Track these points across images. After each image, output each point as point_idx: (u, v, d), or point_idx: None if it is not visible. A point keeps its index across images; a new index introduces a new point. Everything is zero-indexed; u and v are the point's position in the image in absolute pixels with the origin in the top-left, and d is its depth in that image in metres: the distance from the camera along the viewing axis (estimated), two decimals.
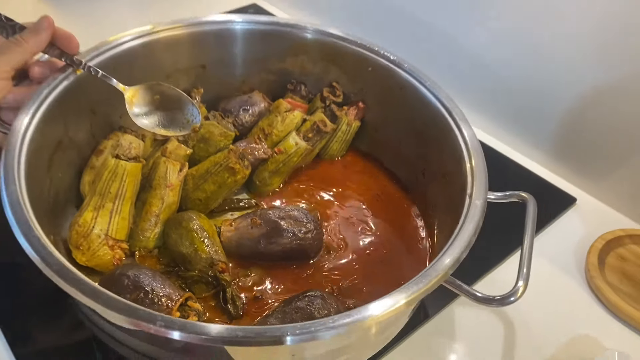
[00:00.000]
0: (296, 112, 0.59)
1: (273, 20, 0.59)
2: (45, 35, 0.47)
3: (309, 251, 0.51)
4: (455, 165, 0.49)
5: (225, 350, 0.36)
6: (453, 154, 0.49)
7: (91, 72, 0.50)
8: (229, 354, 0.36)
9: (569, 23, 0.61)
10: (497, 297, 0.40)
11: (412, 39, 0.78)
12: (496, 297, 0.40)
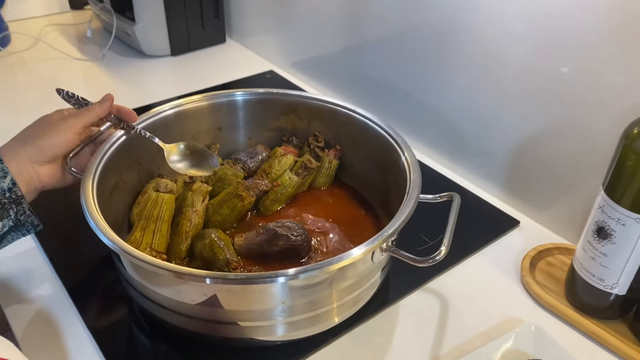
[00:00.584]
0: (289, 156, 0.78)
1: (267, 91, 0.80)
2: (108, 104, 0.68)
3: (300, 250, 0.67)
4: (402, 181, 0.66)
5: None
6: (401, 172, 0.67)
7: (140, 134, 0.70)
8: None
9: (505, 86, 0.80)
10: (426, 258, 0.56)
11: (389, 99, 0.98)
12: (425, 258, 0.56)
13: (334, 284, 0.56)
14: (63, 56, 1.21)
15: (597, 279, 0.63)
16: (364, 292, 0.61)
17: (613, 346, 0.63)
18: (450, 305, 0.68)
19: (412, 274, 0.71)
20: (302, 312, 0.57)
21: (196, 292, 0.54)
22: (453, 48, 0.84)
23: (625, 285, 0.62)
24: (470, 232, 0.78)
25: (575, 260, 0.67)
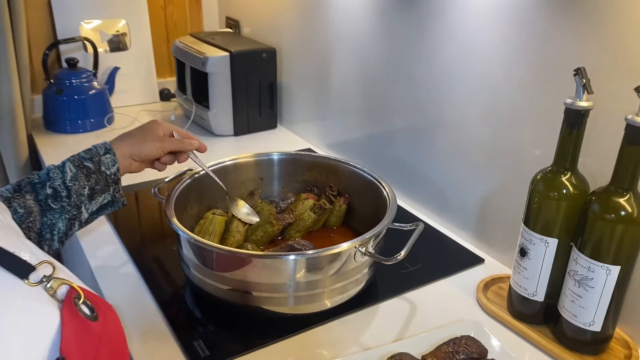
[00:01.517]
0: (310, 200, 1.06)
1: (296, 152, 1.09)
2: (195, 143, 0.94)
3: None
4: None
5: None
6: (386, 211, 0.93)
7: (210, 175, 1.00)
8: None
9: (469, 154, 1.07)
10: (390, 257, 0.80)
11: (396, 170, 1.25)
12: (390, 257, 0.81)
13: (325, 269, 0.81)
14: None
15: (523, 288, 0.85)
16: (349, 284, 0.86)
17: (537, 342, 0.83)
18: (419, 309, 0.91)
19: (395, 285, 0.95)
20: (303, 290, 0.81)
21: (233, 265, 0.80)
22: (436, 133, 1.11)
23: (543, 292, 0.84)
24: (445, 265, 1.01)
25: (511, 278, 0.89)
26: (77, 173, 0.83)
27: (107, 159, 0.87)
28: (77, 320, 0.51)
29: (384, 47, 1.20)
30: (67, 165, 0.84)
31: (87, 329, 0.52)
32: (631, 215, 0.72)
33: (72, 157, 0.86)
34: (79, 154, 0.87)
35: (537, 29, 0.88)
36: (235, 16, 1.82)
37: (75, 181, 0.83)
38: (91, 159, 0.86)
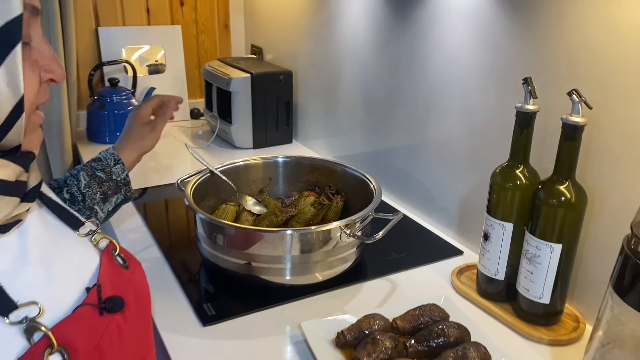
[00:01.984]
0: (311, 197, 1.21)
1: (299, 156, 1.25)
2: (167, 98, 1.11)
3: None
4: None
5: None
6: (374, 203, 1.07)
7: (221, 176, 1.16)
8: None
9: (449, 158, 1.21)
10: (370, 237, 0.94)
11: (393, 175, 1.40)
12: (370, 237, 0.94)
13: (316, 245, 0.95)
14: (182, 145, 1.75)
15: (486, 269, 0.98)
16: (337, 261, 1.00)
17: (500, 316, 0.95)
18: (399, 288, 1.04)
19: (381, 267, 1.08)
20: (297, 263, 0.96)
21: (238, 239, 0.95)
22: (425, 144, 1.26)
23: (503, 272, 0.96)
24: (428, 255, 1.14)
25: (478, 261, 1.01)
26: (90, 182, 0.96)
27: (117, 169, 1.00)
28: (112, 265, 0.65)
29: (382, 70, 1.36)
30: (81, 174, 0.97)
31: (119, 273, 0.66)
32: (570, 200, 0.85)
33: (84, 166, 0.98)
34: (90, 164, 0.98)
35: (503, 53, 1.03)
36: (259, 44, 2.01)
37: (89, 188, 0.96)
38: (103, 169, 0.97)
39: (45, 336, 0.51)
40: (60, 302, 0.56)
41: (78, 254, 0.63)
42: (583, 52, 0.88)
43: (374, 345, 0.80)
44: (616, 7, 0.82)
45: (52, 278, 0.57)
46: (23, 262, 0.55)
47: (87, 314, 0.58)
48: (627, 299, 0.66)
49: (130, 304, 0.62)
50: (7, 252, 0.54)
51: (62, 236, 0.63)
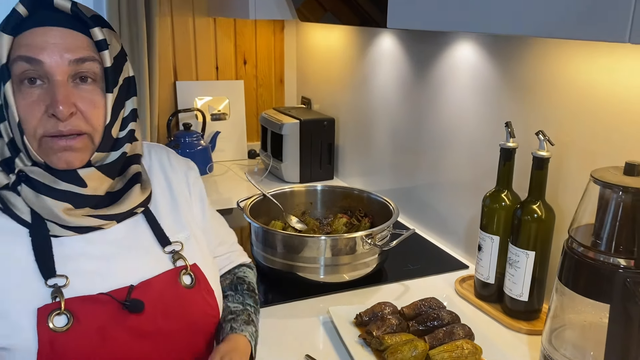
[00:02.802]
0: (343, 218, 1.46)
1: (336, 185, 1.51)
2: None
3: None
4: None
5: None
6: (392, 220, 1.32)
7: (271, 199, 1.44)
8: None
9: (458, 188, 1.45)
10: (385, 245, 1.19)
11: (414, 201, 1.64)
12: (384, 245, 1.19)
13: (343, 250, 1.20)
14: (240, 179, 2.06)
15: (480, 274, 1.20)
16: (361, 265, 1.24)
17: (491, 312, 1.16)
18: (411, 290, 1.26)
19: (398, 275, 1.31)
20: (329, 262, 1.21)
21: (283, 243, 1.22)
22: (440, 177, 1.50)
23: (493, 277, 1.18)
24: (438, 267, 1.36)
25: (474, 269, 1.23)
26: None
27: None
28: (172, 282, 0.84)
29: (406, 118, 1.63)
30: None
31: (175, 290, 0.83)
32: (540, 217, 1.07)
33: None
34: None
35: (494, 102, 1.28)
36: (308, 95, 2.33)
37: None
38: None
39: (59, 301, 0.74)
40: (100, 281, 0.79)
41: (144, 262, 0.83)
42: (550, 103, 1.12)
43: (382, 321, 1.03)
44: (574, 70, 1.07)
45: (105, 270, 0.79)
46: (84, 254, 0.79)
47: (107, 301, 0.77)
48: (566, 284, 0.88)
49: (161, 310, 0.80)
50: (77, 244, 0.80)
51: (151, 248, 0.85)
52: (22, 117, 0.75)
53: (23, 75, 0.75)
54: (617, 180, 0.82)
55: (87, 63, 0.77)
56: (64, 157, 0.77)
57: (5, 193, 0.78)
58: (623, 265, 0.81)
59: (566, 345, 0.92)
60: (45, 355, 0.74)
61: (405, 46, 1.60)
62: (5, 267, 0.76)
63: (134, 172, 0.86)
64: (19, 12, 0.76)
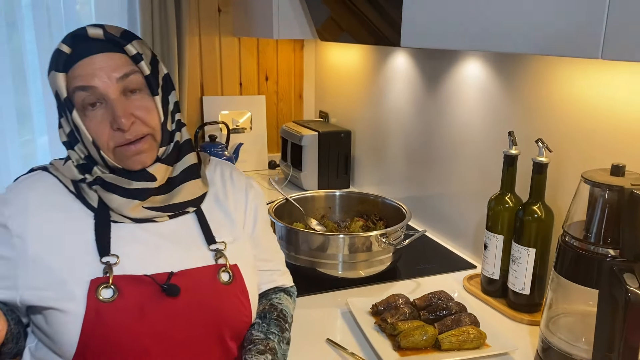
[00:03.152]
0: (360, 221, 1.57)
1: (350, 191, 1.63)
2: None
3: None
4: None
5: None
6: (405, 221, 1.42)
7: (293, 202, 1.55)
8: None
9: (466, 195, 1.55)
10: (397, 244, 1.29)
11: (426, 206, 1.75)
12: (397, 244, 1.29)
13: (360, 248, 1.31)
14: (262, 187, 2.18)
15: (486, 271, 1.30)
16: (376, 262, 1.35)
17: (495, 306, 1.26)
18: (422, 286, 1.37)
19: (411, 273, 1.42)
20: (347, 259, 1.32)
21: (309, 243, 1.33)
22: (451, 185, 1.61)
23: (498, 273, 1.27)
24: (449, 267, 1.46)
25: (481, 267, 1.33)
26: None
27: None
28: (210, 275, 0.93)
29: (418, 130, 1.74)
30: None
31: (212, 284, 0.92)
32: (540, 217, 1.17)
33: None
34: None
35: (498, 113, 1.39)
36: (325, 110, 2.45)
37: None
38: None
39: (109, 276, 0.86)
40: (147, 265, 0.90)
41: (188, 254, 0.94)
42: (548, 114, 1.23)
43: (396, 310, 1.14)
44: (569, 85, 1.18)
45: (151, 256, 0.91)
46: (136, 240, 0.92)
47: (149, 282, 0.87)
48: (561, 273, 0.98)
49: (196, 299, 0.90)
50: (131, 231, 0.92)
51: (198, 245, 0.96)
52: (94, 136, 0.89)
53: (84, 102, 0.88)
54: (604, 180, 0.92)
55: (131, 76, 0.89)
56: (137, 159, 0.90)
57: (82, 185, 0.92)
58: (611, 254, 0.91)
59: (562, 330, 1.02)
60: (90, 320, 0.85)
61: (417, 63, 1.72)
62: (70, 242, 0.89)
63: (190, 163, 0.98)
64: (63, 51, 0.88)
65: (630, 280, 0.86)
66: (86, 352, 0.85)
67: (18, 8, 1.92)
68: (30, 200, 0.91)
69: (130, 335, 0.86)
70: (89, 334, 0.85)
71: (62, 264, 0.87)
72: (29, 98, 2.02)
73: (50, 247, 0.88)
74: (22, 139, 2.06)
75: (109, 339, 0.85)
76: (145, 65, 0.91)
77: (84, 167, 0.92)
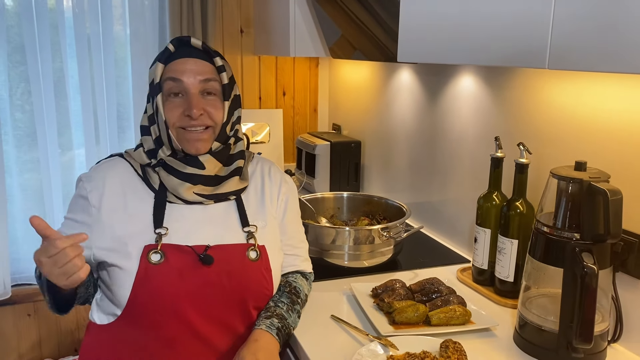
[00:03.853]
0: (366, 220, 1.72)
1: (357, 193, 1.78)
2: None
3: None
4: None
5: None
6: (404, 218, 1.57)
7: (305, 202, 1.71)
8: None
9: (462, 198, 1.70)
10: (397, 236, 1.44)
11: (427, 209, 1.89)
12: (397, 236, 1.44)
13: (363, 240, 1.46)
14: None
15: (476, 262, 1.44)
16: (378, 253, 1.49)
17: (484, 293, 1.40)
18: (419, 276, 1.50)
19: (411, 264, 1.56)
20: (352, 250, 1.47)
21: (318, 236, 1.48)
22: (448, 189, 1.75)
23: (486, 263, 1.41)
24: (445, 261, 1.60)
25: (472, 258, 1.47)
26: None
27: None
28: (241, 252, 1.12)
29: (420, 140, 1.89)
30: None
31: (241, 259, 1.11)
32: (522, 212, 1.31)
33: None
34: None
35: (488, 120, 1.54)
36: (338, 122, 2.62)
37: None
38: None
39: (158, 243, 1.06)
40: (190, 238, 1.09)
41: (225, 233, 1.13)
42: (530, 120, 1.38)
43: (393, 291, 1.28)
44: (547, 95, 1.33)
45: (194, 231, 1.09)
46: (185, 217, 1.10)
47: (189, 252, 1.07)
48: (534, 256, 1.12)
49: (226, 270, 1.08)
50: (182, 210, 1.11)
51: (231, 223, 1.14)
52: (167, 117, 1.11)
53: (170, 90, 1.11)
54: (568, 174, 1.07)
55: (211, 82, 1.13)
56: (195, 145, 1.11)
57: (147, 169, 1.13)
58: (575, 238, 1.05)
59: (536, 308, 1.15)
60: (140, 277, 1.05)
61: (419, 78, 1.88)
62: (134, 214, 1.10)
63: (237, 166, 1.18)
64: (169, 49, 1.13)
65: (587, 258, 1.00)
66: (135, 303, 1.05)
67: (62, 30, 2.12)
68: (107, 179, 1.13)
69: (170, 293, 1.05)
70: (139, 288, 1.05)
71: (125, 231, 1.08)
72: (68, 114, 2.21)
73: (118, 217, 1.10)
74: (62, 151, 2.25)
75: (154, 294, 1.05)
76: (225, 76, 1.15)
77: (152, 153, 1.13)
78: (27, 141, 2.18)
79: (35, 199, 2.22)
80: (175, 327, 1.06)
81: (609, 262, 1.07)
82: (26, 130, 2.17)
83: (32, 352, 2.29)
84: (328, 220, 1.73)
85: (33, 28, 2.07)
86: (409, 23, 1.26)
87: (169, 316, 1.06)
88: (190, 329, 1.07)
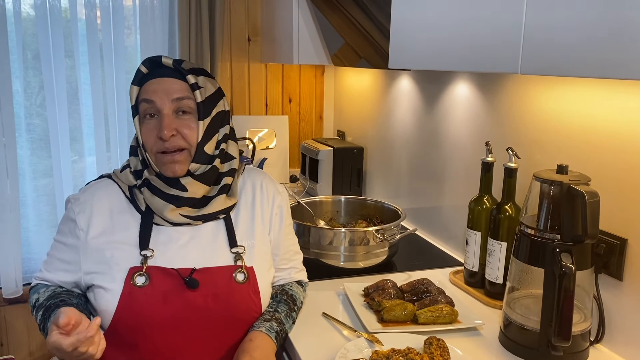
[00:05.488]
0: (363, 223, 1.75)
1: (355, 197, 1.82)
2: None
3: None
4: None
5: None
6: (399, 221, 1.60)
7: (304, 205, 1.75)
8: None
9: (457, 203, 1.72)
10: (390, 238, 1.47)
11: (424, 211, 1.92)
12: (391, 238, 1.47)
13: (357, 241, 1.49)
14: None
15: (467, 264, 1.46)
16: (372, 255, 1.52)
17: (474, 294, 1.42)
18: (413, 278, 1.53)
19: (405, 267, 1.59)
20: (347, 252, 1.50)
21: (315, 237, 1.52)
22: (444, 195, 1.78)
23: (477, 266, 1.44)
24: (438, 264, 1.63)
25: (464, 260, 1.49)
26: None
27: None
28: (228, 274, 1.10)
29: (419, 146, 1.93)
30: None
31: (228, 281, 1.10)
32: (511, 215, 1.34)
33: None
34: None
35: (480, 126, 1.57)
36: (343, 129, 2.66)
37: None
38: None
39: (143, 265, 1.06)
40: (176, 261, 1.09)
41: (212, 254, 1.12)
42: (518, 126, 1.41)
43: (383, 290, 1.31)
44: (535, 101, 1.36)
45: (180, 254, 1.09)
46: (171, 240, 1.10)
47: (174, 275, 1.06)
48: (517, 257, 1.15)
49: (212, 293, 1.06)
50: (168, 233, 1.11)
51: (219, 244, 1.13)
52: (144, 140, 1.10)
53: (145, 112, 1.10)
54: (549, 177, 1.10)
55: (184, 100, 1.07)
56: (170, 168, 1.08)
57: (135, 190, 1.14)
58: (557, 239, 1.07)
59: (519, 308, 1.17)
60: (124, 299, 1.05)
61: (418, 86, 1.92)
62: (120, 236, 1.10)
63: (224, 183, 1.15)
64: (142, 71, 1.10)
65: (566, 258, 1.02)
66: (119, 324, 1.06)
67: (75, 39, 2.20)
68: (94, 201, 1.13)
69: (154, 316, 1.05)
70: (122, 310, 1.05)
71: (111, 253, 1.09)
72: (81, 122, 2.28)
73: (105, 240, 1.10)
74: (74, 158, 2.32)
75: (137, 316, 1.05)
76: (199, 94, 1.08)
77: (138, 173, 1.14)
78: (41, 145, 2.25)
79: (47, 203, 2.28)
80: (158, 349, 1.07)
81: (590, 263, 1.09)
82: (40, 135, 2.24)
83: (42, 349, 2.36)
84: (327, 223, 1.77)
85: (48, 36, 2.15)
86: (398, 31, 1.30)
87: (152, 339, 1.06)
88: (173, 352, 1.07)
